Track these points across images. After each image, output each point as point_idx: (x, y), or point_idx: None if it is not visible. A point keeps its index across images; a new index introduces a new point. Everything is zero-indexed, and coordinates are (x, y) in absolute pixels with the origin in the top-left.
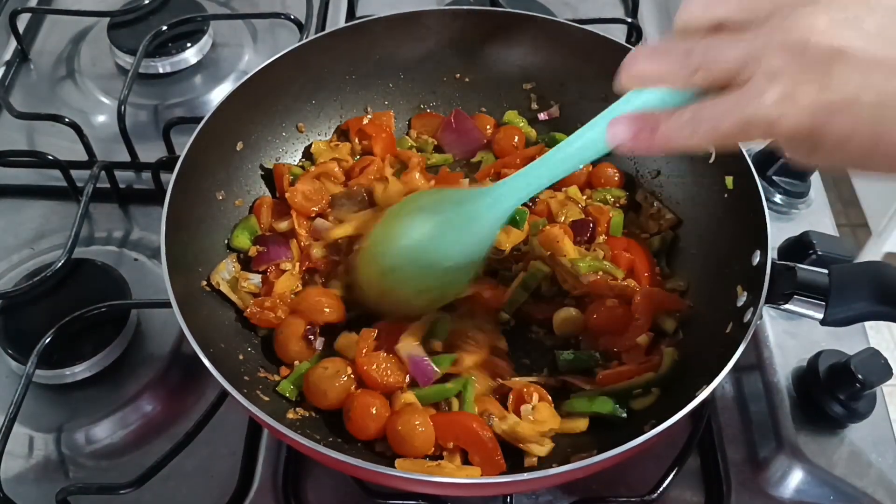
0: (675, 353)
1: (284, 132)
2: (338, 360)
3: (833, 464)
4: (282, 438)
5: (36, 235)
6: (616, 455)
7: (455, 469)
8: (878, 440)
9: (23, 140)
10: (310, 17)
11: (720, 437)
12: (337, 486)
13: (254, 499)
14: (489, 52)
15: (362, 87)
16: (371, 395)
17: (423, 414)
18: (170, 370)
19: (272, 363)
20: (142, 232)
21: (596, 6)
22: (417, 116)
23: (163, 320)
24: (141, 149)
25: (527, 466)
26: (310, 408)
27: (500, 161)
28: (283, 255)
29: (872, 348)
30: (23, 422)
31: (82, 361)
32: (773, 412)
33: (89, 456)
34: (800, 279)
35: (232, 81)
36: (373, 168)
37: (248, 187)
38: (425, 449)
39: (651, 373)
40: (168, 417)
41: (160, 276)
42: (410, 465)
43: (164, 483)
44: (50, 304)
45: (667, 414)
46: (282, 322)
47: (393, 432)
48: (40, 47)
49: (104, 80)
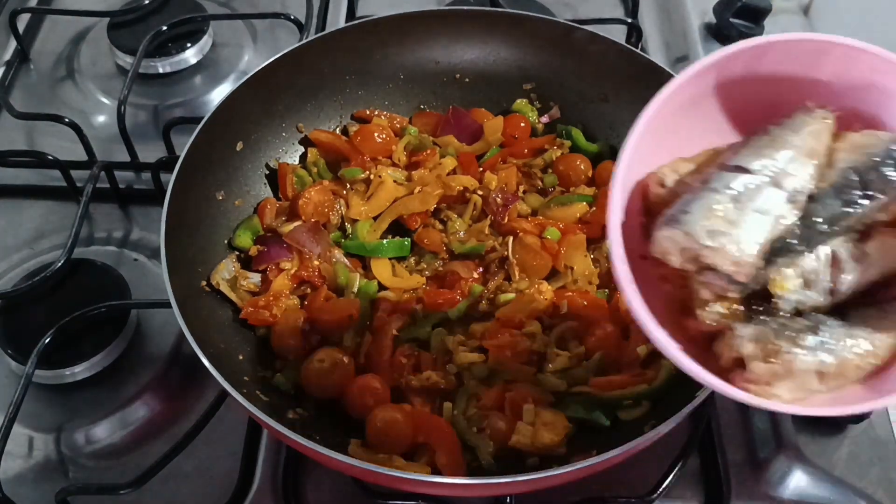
0: (673, 367)
1: (284, 132)
2: (333, 351)
3: (833, 464)
4: (281, 438)
5: (36, 235)
6: (616, 455)
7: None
8: (877, 440)
9: (23, 140)
10: (310, 17)
11: (720, 438)
12: (337, 486)
13: (253, 499)
14: (489, 53)
15: (362, 87)
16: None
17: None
18: (169, 370)
19: (271, 362)
20: (142, 232)
21: (596, 6)
22: (417, 116)
23: (163, 320)
24: (141, 149)
25: (527, 466)
26: (309, 408)
27: (506, 150)
28: (284, 255)
29: None
30: (23, 422)
31: (82, 361)
32: (773, 412)
33: (89, 456)
34: None
35: (232, 81)
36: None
37: (248, 187)
38: (402, 445)
39: (644, 385)
40: (168, 417)
41: (160, 276)
42: (364, 453)
43: (164, 483)
44: (50, 305)
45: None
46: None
47: (373, 427)
48: (40, 47)
49: (104, 80)
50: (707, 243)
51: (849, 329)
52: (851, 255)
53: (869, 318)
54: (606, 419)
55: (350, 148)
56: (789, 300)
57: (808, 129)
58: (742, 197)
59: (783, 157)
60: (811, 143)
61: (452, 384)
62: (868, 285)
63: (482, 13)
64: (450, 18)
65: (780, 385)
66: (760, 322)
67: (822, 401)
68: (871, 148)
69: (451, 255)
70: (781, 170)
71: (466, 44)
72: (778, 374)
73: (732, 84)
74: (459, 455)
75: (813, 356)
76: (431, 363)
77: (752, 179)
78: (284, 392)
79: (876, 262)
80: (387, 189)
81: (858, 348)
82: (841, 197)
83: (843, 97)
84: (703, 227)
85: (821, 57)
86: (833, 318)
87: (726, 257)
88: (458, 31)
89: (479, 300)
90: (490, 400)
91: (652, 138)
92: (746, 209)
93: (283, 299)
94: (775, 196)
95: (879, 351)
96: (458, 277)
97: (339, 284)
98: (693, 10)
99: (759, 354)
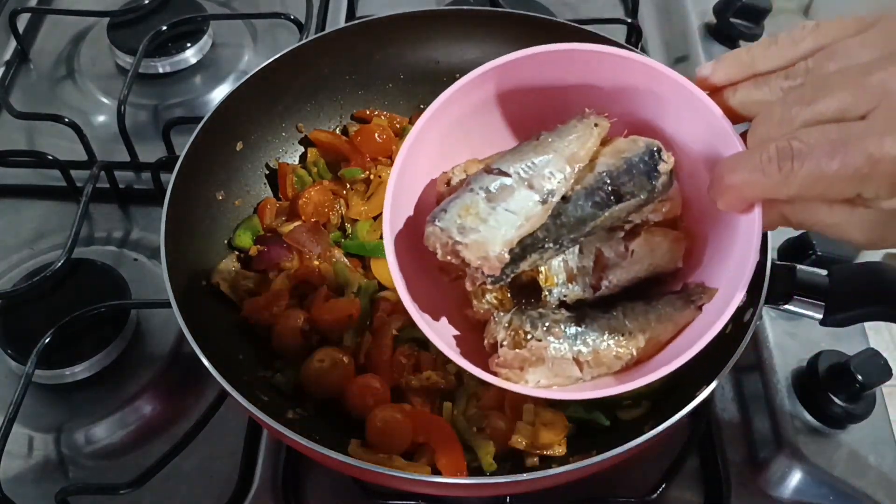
0: None
1: (284, 132)
2: (333, 351)
3: (833, 464)
4: (281, 438)
5: (36, 235)
6: (616, 455)
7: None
8: (877, 440)
9: (23, 140)
10: (310, 17)
11: (720, 438)
12: (337, 486)
13: (253, 499)
14: (489, 52)
15: (362, 87)
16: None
17: (402, 410)
18: (169, 370)
19: (271, 362)
20: (141, 232)
21: (596, 6)
22: (417, 116)
23: (163, 320)
24: (141, 149)
25: (527, 466)
26: (309, 408)
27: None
28: (284, 255)
29: (872, 349)
30: (22, 422)
31: (82, 361)
32: (773, 412)
33: (89, 456)
34: (799, 279)
35: (232, 81)
36: None
37: (248, 187)
38: (402, 445)
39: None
40: (168, 417)
41: (160, 276)
42: (364, 453)
43: (163, 483)
44: (50, 304)
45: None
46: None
47: (373, 427)
48: (40, 47)
49: (104, 80)
50: (458, 238)
51: (610, 321)
52: (617, 252)
53: (634, 312)
54: (606, 419)
55: (350, 148)
56: (554, 293)
57: (575, 135)
58: (495, 197)
59: (542, 161)
60: (573, 148)
61: (452, 384)
62: (640, 280)
63: (482, 13)
64: (450, 18)
65: (534, 371)
66: (522, 312)
67: (581, 388)
68: (629, 152)
69: None
70: (537, 173)
71: (466, 44)
72: (527, 360)
73: (521, 91)
74: (459, 455)
75: (568, 345)
76: (431, 363)
77: (506, 181)
78: (284, 392)
79: (641, 258)
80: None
81: (614, 340)
82: (591, 199)
83: (622, 103)
84: (456, 223)
85: (594, 65)
86: (599, 311)
87: (474, 252)
88: (458, 31)
89: None
90: (490, 400)
91: (446, 139)
92: (498, 208)
93: (283, 299)
94: (527, 197)
95: (637, 342)
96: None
97: (339, 284)
98: (693, 10)
99: (510, 341)
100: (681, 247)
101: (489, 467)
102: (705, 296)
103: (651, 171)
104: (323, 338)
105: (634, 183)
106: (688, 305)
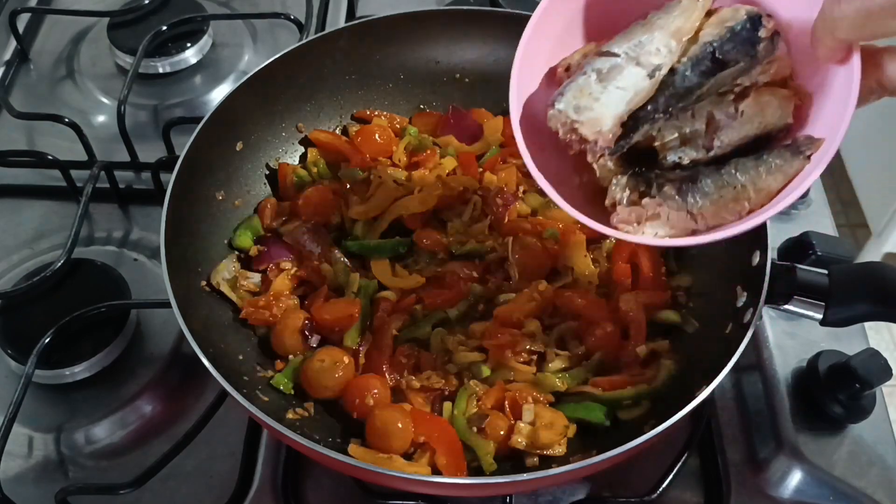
0: (673, 367)
1: (284, 132)
2: (333, 351)
3: (833, 464)
4: (281, 439)
5: (36, 235)
6: (615, 455)
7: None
8: (877, 440)
9: (23, 140)
10: (310, 17)
11: (720, 437)
12: (337, 486)
13: (253, 499)
14: (489, 53)
15: (362, 87)
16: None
17: (402, 410)
18: (169, 370)
19: (271, 362)
20: (142, 232)
21: None
22: (417, 116)
23: (162, 320)
24: (141, 149)
25: (527, 466)
26: (309, 408)
27: (506, 150)
28: (284, 255)
29: (872, 349)
30: (22, 422)
31: (82, 361)
32: (773, 412)
33: (89, 456)
34: (800, 280)
35: (232, 81)
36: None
37: (247, 187)
38: (402, 445)
39: (644, 385)
40: (168, 417)
41: (160, 276)
42: (364, 453)
43: (163, 483)
44: (49, 305)
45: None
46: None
47: (372, 427)
48: (40, 47)
49: (104, 80)
50: (574, 118)
51: (723, 176)
52: (727, 114)
53: (746, 167)
54: (606, 419)
55: (350, 148)
56: (670, 157)
57: (679, 10)
58: (606, 76)
59: (648, 38)
60: (678, 23)
61: (452, 384)
62: (751, 139)
63: (482, 13)
64: (450, 18)
65: (651, 224)
66: (638, 174)
67: (698, 236)
68: (731, 21)
69: (450, 256)
70: (644, 50)
71: (466, 44)
72: (643, 215)
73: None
74: (459, 455)
75: (681, 199)
76: (431, 363)
77: (616, 61)
78: (284, 392)
79: (751, 117)
80: (387, 189)
81: (727, 192)
82: (697, 68)
83: None
84: (572, 105)
85: None
86: (712, 169)
87: (589, 128)
88: (458, 31)
89: (479, 300)
90: (490, 400)
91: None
92: (609, 87)
93: (283, 299)
94: (635, 73)
95: (748, 194)
96: (457, 277)
97: (339, 284)
98: None
99: (627, 199)
100: (790, 103)
101: (489, 467)
102: (813, 146)
103: (752, 37)
104: (323, 338)
105: (737, 50)
106: (797, 156)
